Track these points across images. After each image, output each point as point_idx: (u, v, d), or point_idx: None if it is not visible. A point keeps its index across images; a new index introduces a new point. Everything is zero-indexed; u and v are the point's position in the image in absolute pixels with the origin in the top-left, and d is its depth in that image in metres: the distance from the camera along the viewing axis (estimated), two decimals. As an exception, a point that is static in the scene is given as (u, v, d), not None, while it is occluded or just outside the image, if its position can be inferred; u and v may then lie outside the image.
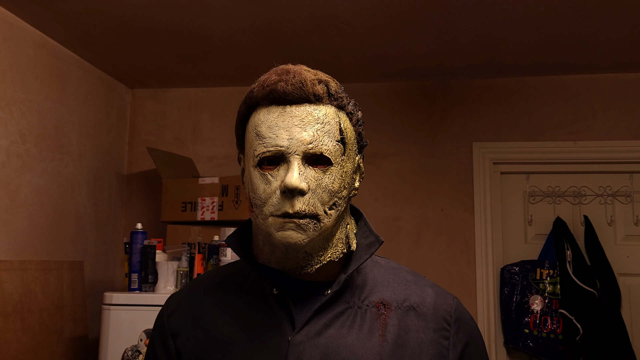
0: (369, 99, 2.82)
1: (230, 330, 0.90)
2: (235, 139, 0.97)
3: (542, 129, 2.76)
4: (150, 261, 2.25)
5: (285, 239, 0.83)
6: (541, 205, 2.79)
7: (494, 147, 2.78)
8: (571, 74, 2.74)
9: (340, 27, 2.22)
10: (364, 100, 2.52)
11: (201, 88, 3.02)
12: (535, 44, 2.40)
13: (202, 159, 2.95)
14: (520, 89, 2.79)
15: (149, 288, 2.24)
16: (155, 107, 3.05)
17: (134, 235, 2.30)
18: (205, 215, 2.43)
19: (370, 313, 0.89)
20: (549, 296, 2.58)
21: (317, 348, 0.85)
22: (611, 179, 2.76)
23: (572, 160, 2.75)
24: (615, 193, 2.75)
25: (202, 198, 2.46)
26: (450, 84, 2.84)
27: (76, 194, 2.60)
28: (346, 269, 0.91)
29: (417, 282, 0.96)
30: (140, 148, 3.01)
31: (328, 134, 0.86)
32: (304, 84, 0.86)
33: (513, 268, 2.66)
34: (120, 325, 2.14)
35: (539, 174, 2.80)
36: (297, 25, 2.22)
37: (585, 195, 2.77)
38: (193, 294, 0.99)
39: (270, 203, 0.84)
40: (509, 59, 2.56)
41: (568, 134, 2.74)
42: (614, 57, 2.54)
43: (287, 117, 0.85)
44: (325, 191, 0.85)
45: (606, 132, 2.72)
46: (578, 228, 2.72)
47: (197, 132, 3.01)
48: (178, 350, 0.94)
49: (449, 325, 0.91)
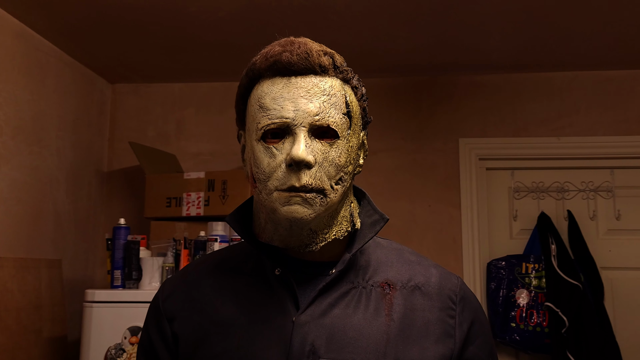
0: (355, 95, 2.80)
1: (230, 312, 0.87)
2: (236, 114, 0.94)
3: (527, 125, 2.79)
4: (134, 257, 2.18)
5: (291, 213, 0.80)
6: (526, 200, 2.81)
7: (480, 143, 2.79)
8: (555, 71, 2.78)
9: (331, 18, 2.21)
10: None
11: (185, 83, 2.97)
12: (521, 40, 2.42)
13: (186, 156, 2.90)
14: (506, 85, 2.81)
15: (133, 285, 2.18)
16: (137, 103, 2.99)
17: (116, 230, 2.23)
18: (190, 210, 2.38)
19: (375, 293, 0.87)
20: (535, 290, 2.60)
21: (322, 328, 0.83)
22: (593, 174, 2.80)
23: (555, 156, 2.78)
24: (597, 188, 2.79)
25: (187, 193, 2.40)
26: (437, 80, 2.85)
27: (55, 190, 2.52)
28: (350, 248, 0.89)
29: (421, 263, 0.94)
30: (121, 144, 2.94)
31: (334, 106, 0.83)
32: (310, 54, 0.84)
33: (499, 263, 2.67)
34: (103, 323, 2.07)
35: (524, 170, 2.83)
36: (287, 17, 2.20)
37: (569, 190, 2.80)
38: (190, 277, 0.95)
39: (275, 177, 0.81)
40: (496, 55, 2.58)
41: (552, 130, 2.77)
42: (596, 55, 2.58)
43: (293, 88, 0.83)
44: (332, 165, 0.83)
45: (589, 128, 2.76)
46: (562, 223, 2.75)
47: (181, 128, 2.95)
48: (175, 334, 0.91)
49: (455, 305, 0.89)
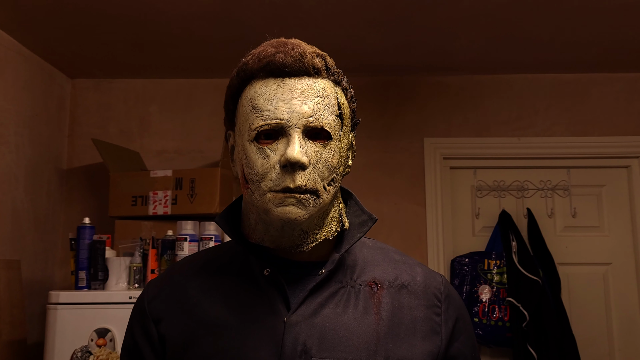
0: (322, 94, 2.82)
1: (219, 313, 0.86)
2: (225, 114, 0.94)
3: (489, 125, 2.87)
4: (100, 257, 2.13)
5: (285, 214, 0.81)
6: (487, 198, 2.90)
7: (444, 143, 2.85)
8: (516, 73, 2.87)
9: (301, 17, 2.21)
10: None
11: (149, 79, 2.91)
12: (484, 43, 2.49)
13: (150, 153, 2.84)
14: (469, 86, 2.88)
15: (99, 286, 2.12)
16: (99, 98, 2.91)
17: (81, 230, 2.17)
18: (157, 209, 2.34)
19: (363, 292, 0.89)
20: (497, 285, 2.68)
21: (314, 328, 0.83)
22: (551, 173, 2.91)
23: (515, 156, 2.87)
24: (554, 187, 2.90)
25: (154, 192, 2.36)
26: (403, 80, 2.89)
27: (13, 187, 2.43)
28: (339, 248, 0.90)
29: (405, 262, 0.96)
30: (81, 141, 2.86)
31: (327, 108, 0.84)
32: (304, 55, 0.85)
33: (463, 259, 2.74)
34: (68, 325, 2.01)
35: (486, 169, 2.91)
36: (258, 14, 2.19)
37: (528, 189, 2.90)
38: (175, 278, 0.94)
39: (269, 178, 0.81)
40: (460, 57, 2.64)
41: (513, 130, 2.86)
42: (554, 58, 2.67)
43: (287, 90, 0.83)
44: (325, 166, 0.84)
45: (547, 129, 2.86)
46: (522, 220, 2.84)
47: (145, 125, 2.89)
48: (162, 336, 0.89)
49: (440, 302, 0.92)
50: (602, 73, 2.85)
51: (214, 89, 2.88)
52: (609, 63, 2.73)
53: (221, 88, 3.70)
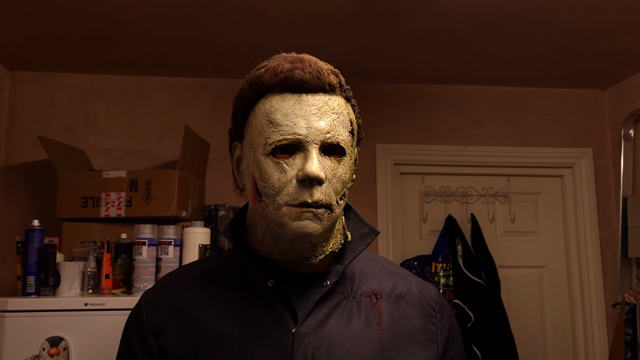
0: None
1: (223, 325, 0.87)
2: (232, 125, 0.94)
3: (438, 133, 2.98)
4: (50, 262, 2.02)
5: (301, 228, 0.82)
6: (434, 204, 3.01)
7: (395, 149, 2.93)
8: (463, 84, 2.99)
9: (267, 21, 2.20)
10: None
11: (97, 75, 2.79)
12: (439, 55, 2.58)
13: (96, 152, 2.73)
14: (420, 95, 2.98)
15: (49, 292, 2.01)
16: (41, 93, 2.76)
17: (29, 233, 2.05)
18: (110, 211, 2.25)
19: (364, 303, 0.91)
20: (444, 288, 2.79)
21: (321, 339, 0.85)
22: (493, 181, 3.06)
23: (461, 163, 3.00)
24: (495, 193, 3.06)
25: (106, 193, 2.27)
26: (358, 86, 2.92)
27: (-52, 186, 2.26)
28: (341, 259, 0.93)
29: (399, 272, 1.00)
30: (21, 137, 2.70)
31: (342, 124, 0.87)
32: (321, 72, 0.87)
33: (412, 262, 2.83)
34: (17, 334, 1.90)
35: (433, 175, 3.02)
36: (223, 16, 2.16)
37: (472, 195, 3.04)
38: (173, 290, 0.93)
39: (286, 192, 0.82)
40: (414, 67, 2.73)
41: (459, 139, 2.99)
42: (500, 72, 2.81)
43: (305, 106, 0.85)
44: (339, 181, 0.86)
45: (490, 138, 3.01)
46: (466, 225, 2.98)
47: (91, 122, 2.77)
48: (163, 349, 0.88)
49: (435, 312, 0.96)
50: (541, 88, 3.04)
51: (165, 87, 2.81)
52: (548, 79, 2.91)
53: (173, 86, 3.59)
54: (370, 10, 2.13)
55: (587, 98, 3.07)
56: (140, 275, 2.03)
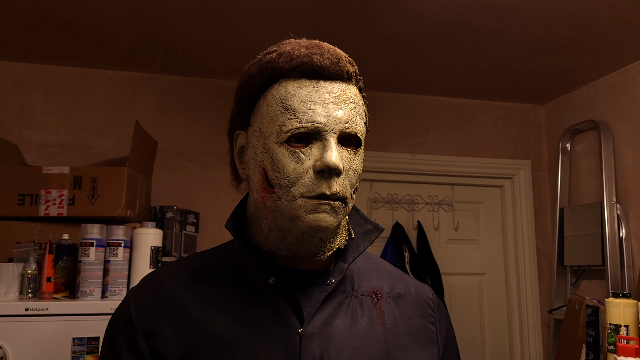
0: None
1: (223, 326, 0.81)
2: (237, 112, 0.88)
3: (387, 140, 3.01)
4: (-17, 263, 1.83)
5: (317, 222, 0.78)
6: (382, 210, 3.03)
7: (346, 155, 2.92)
8: (413, 93, 3.05)
9: (229, 17, 2.13)
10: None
11: (32, 64, 2.59)
12: (393, 63, 2.61)
13: (30, 147, 2.53)
14: (371, 102, 3.00)
15: (-20, 296, 1.82)
16: (-32, 80, 2.52)
17: (-42, 231, 1.86)
18: (50, 210, 2.08)
19: (366, 302, 0.89)
20: (392, 294, 2.80)
21: (328, 339, 0.82)
22: (437, 189, 3.13)
23: (408, 171, 3.04)
24: (440, 202, 3.13)
25: (46, 190, 2.10)
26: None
27: None
28: (343, 257, 0.90)
29: (395, 272, 0.99)
30: (-57, 127, 2.45)
31: (359, 115, 0.84)
32: (340, 59, 0.84)
33: (361, 269, 2.82)
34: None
35: (381, 182, 3.04)
36: (182, 9, 2.07)
37: (418, 202, 3.09)
38: (163, 289, 0.86)
39: (302, 183, 0.78)
40: (367, 73, 2.74)
41: (407, 147, 3.03)
42: (448, 82, 2.89)
43: (323, 93, 0.81)
44: (355, 173, 0.83)
45: (437, 147, 3.08)
46: (412, 232, 3.02)
47: (25, 114, 2.57)
48: (156, 351, 0.81)
49: (433, 312, 0.95)
50: (485, 100, 3.15)
51: (108, 81, 2.65)
52: (492, 92, 3.02)
53: (117, 81, 3.44)
54: (336, 11, 2.11)
55: (526, 112, 3.21)
56: (86, 278, 1.88)
